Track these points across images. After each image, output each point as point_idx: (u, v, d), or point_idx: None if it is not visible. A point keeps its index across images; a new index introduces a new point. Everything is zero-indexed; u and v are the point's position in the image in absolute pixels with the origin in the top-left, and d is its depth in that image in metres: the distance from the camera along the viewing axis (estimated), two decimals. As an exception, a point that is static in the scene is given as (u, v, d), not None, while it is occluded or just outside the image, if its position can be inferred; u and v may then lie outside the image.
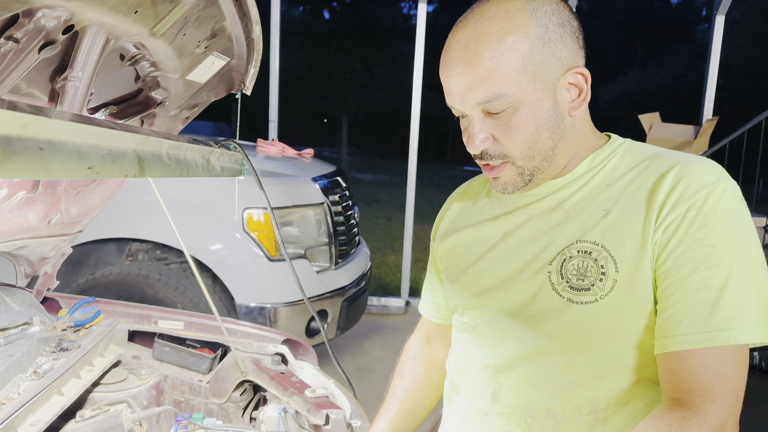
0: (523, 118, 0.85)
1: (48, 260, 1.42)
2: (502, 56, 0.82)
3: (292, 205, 2.87)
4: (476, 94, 0.85)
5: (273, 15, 4.84)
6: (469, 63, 0.84)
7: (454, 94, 0.88)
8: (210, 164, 1.10)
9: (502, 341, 0.94)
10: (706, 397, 0.75)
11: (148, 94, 1.15)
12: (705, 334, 0.76)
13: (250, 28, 1.11)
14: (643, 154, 0.92)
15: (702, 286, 0.78)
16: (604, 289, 0.83)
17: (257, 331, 1.47)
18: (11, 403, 1.00)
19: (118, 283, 2.64)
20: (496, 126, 0.87)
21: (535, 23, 0.83)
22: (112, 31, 0.86)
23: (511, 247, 0.95)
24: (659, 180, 0.85)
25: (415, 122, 4.78)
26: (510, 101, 0.84)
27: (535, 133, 0.86)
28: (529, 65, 0.83)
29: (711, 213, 0.79)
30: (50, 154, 0.52)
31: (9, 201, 1.10)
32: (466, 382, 1.00)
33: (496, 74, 0.82)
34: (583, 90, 0.88)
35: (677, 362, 0.78)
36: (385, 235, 8.42)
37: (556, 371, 0.88)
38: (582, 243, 0.87)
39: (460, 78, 0.85)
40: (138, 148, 0.72)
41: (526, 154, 0.88)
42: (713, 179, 0.81)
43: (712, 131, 4.66)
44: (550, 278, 0.88)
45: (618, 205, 0.87)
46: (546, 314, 0.88)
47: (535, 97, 0.84)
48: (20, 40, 0.73)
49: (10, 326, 1.25)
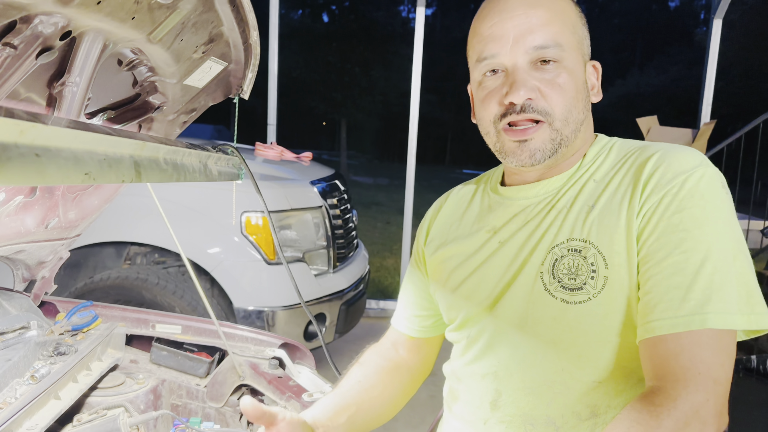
0: (567, 78, 0.87)
1: (46, 264, 1.42)
2: (561, 13, 0.87)
3: (290, 208, 2.87)
4: (537, 37, 0.86)
5: (272, 18, 4.85)
6: (533, 6, 0.86)
7: (505, 38, 0.87)
8: (207, 169, 1.10)
9: (500, 349, 0.93)
10: (677, 383, 0.72)
11: (146, 99, 1.15)
12: (678, 318, 0.74)
13: (248, 33, 1.12)
14: (628, 149, 0.92)
15: (675, 271, 0.76)
16: (596, 287, 0.82)
17: (255, 335, 1.47)
18: (8, 407, 1.00)
19: (117, 286, 2.64)
20: (543, 79, 0.87)
21: (575, 8, 0.91)
22: (110, 37, 0.86)
23: (507, 255, 0.94)
24: (639, 169, 0.85)
25: (413, 125, 4.78)
26: (563, 54, 0.86)
27: (574, 98, 0.88)
28: (575, 33, 0.88)
29: (687, 198, 0.78)
30: (47, 160, 0.52)
31: (7, 205, 1.10)
32: (465, 389, 0.99)
33: (555, 23, 0.86)
34: (595, 86, 0.94)
35: (653, 348, 0.77)
36: (383, 238, 8.42)
37: (554, 378, 0.87)
38: (571, 241, 0.86)
39: (521, 19, 0.86)
40: (135, 153, 0.72)
41: (565, 116, 0.88)
42: (691, 165, 0.81)
43: (709, 134, 4.67)
44: (543, 279, 0.87)
45: (602, 199, 0.86)
46: (541, 318, 0.87)
47: (576, 63, 0.88)
48: (18, 47, 0.73)
49: (8, 330, 1.25)
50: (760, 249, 4.41)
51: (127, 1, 0.76)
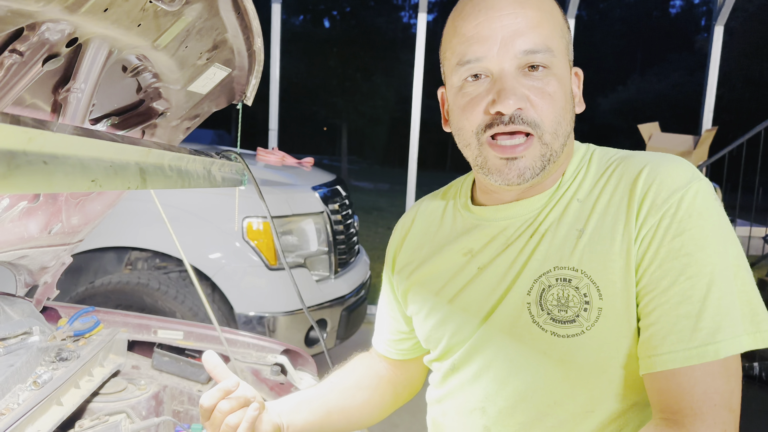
0: (557, 86, 0.80)
1: (48, 270, 1.42)
2: (551, 13, 0.80)
3: (291, 214, 2.87)
4: (527, 40, 0.77)
5: (274, 23, 4.87)
6: (523, 5, 0.78)
7: (493, 39, 0.78)
8: (211, 175, 1.10)
9: (486, 383, 0.88)
10: (696, 417, 0.71)
11: (150, 105, 1.15)
12: (691, 350, 0.72)
13: (252, 39, 1.12)
14: (607, 159, 0.86)
15: (683, 299, 0.73)
16: (589, 320, 0.77)
17: (257, 341, 1.47)
18: (11, 413, 1.00)
19: (118, 291, 2.64)
20: (532, 87, 0.79)
21: (560, 11, 0.84)
22: (115, 43, 0.87)
23: (488, 281, 0.87)
24: (630, 187, 0.79)
25: (415, 130, 4.79)
26: (554, 60, 0.79)
27: (564, 108, 0.81)
28: (564, 37, 0.82)
29: (685, 219, 0.74)
30: (54, 167, 0.52)
31: (11, 211, 1.10)
32: (451, 424, 0.94)
33: (547, 25, 0.79)
34: (579, 92, 0.87)
35: (664, 382, 0.74)
36: (384, 243, 8.37)
37: (546, 412, 0.82)
38: (560, 270, 0.80)
39: (511, 20, 0.77)
40: (140, 160, 0.72)
41: (555, 129, 0.80)
42: (685, 180, 0.77)
43: (711, 141, 4.67)
44: (530, 310, 0.82)
45: (591, 223, 0.81)
46: (530, 351, 0.82)
47: (564, 70, 0.82)
48: (24, 53, 0.74)
49: (10, 336, 1.24)
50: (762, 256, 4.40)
51: (133, 9, 0.76)
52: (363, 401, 1.08)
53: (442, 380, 0.96)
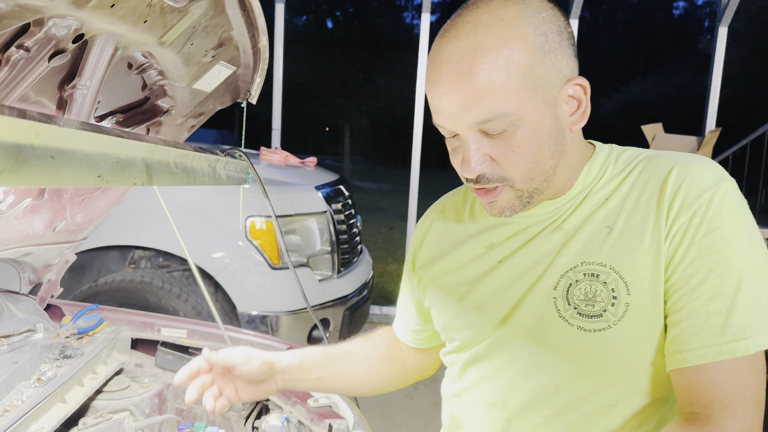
0: (524, 137, 0.78)
1: (52, 267, 1.42)
2: (502, 70, 0.74)
3: (295, 213, 2.87)
4: (474, 114, 0.77)
5: (277, 24, 4.87)
6: (465, 78, 0.75)
7: (445, 112, 0.79)
8: (216, 173, 1.10)
9: (509, 376, 0.88)
10: (725, 411, 0.72)
11: (155, 103, 1.15)
12: (722, 345, 0.73)
13: (257, 37, 1.12)
14: (633, 158, 0.87)
15: (713, 296, 0.74)
16: (616, 315, 0.79)
17: (260, 340, 1.47)
18: (15, 410, 1.00)
19: (121, 290, 2.64)
20: (495, 147, 0.79)
21: (534, 32, 0.75)
22: (121, 40, 0.87)
23: (508, 274, 0.88)
24: (662, 187, 0.80)
25: (417, 131, 4.79)
26: (511, 120, 0.76)
27: (538, 153, 0.79)
28: (530, 79, 0.76)
29: (715, 217, 0.76)
30: (61, 162, 0.52)
31: (15, 208, 1.10)
32: (471, 418, 0.95)
33: (495, 90, 0.75)
34: (582, 102, 0.81)
35: (694, 377, 0.75)
36: (387, 243, 8.42)
37: (569, 405, 0.83)
38: (588, 265, 0.81)
39: (455, 95, 0.77)
40: (146, 156, 0.72)
41: (527, 175, 0.81)
42: (714, 180, 0.78)
43: (715, 142, 4.67)
44: (556, 304, 0.83)
45: (621, 220, 0.82)
46: (555, 345, 0.83)
47: (536, 114, 0.77)
48: (31, 49, 0.73)
49: (14, 333, 1.24)
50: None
51: (140, 5, 0.76)
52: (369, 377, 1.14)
53: (461, 373, 0.97)
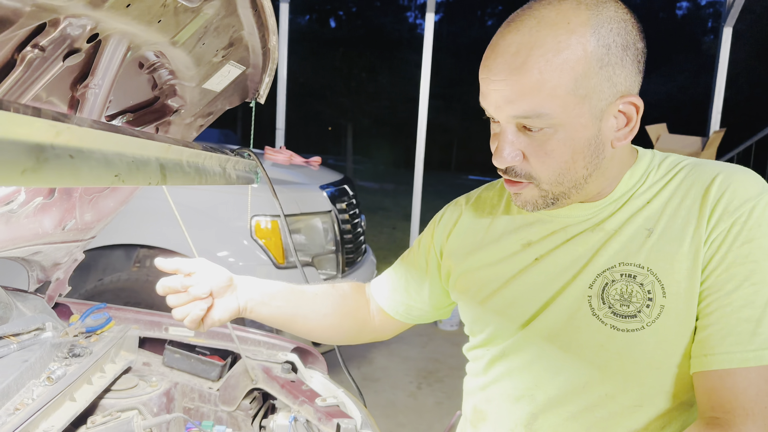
0: (560, 142, 0.78)
1: (61, 266, 1.43)
2: (554, 72, 0.74)
3: (300, 212, 2.87)
4: (516, 107, 0.77)
5: (281, 23, 4.88)
6: (515, 72, 0.75)
7: (490, 99, 0.80)
8: (226, 172, 1.11)
9: (538, 371, 0.89)
10: (747, 417, 0.73)
11: (165, 102, 1.15)
12: (749, 353, 0.74)
13: (267, 37, 1.12)
14: (676, 163, 0.88)
15: (746, 303, 0.75)
16: (651, 316, 0.80)
17: (267, 339, 1.47)
18: (25, 408, 1.00)
19: (126, 289, 2.65)
20: (530, 144, 0.80)
21: (597, 42, 0.75)
22: (135, 39, 0.87)
23: (545, 272, 0.89)
24: (705, 194, 0.81)
25: (421, 131, 4.79)
26: (550, 122, 0.77)
27: (570, 160, 0.80)
28: (580, 87, 0.75)
29: (755, 227, 0.77)
30: (80, 162, 0.52)
31: (26, 207, 1.11)
32: (496, 411, 0.96)
33: (543, 90, 0.75)
34: (632, 120, 0.81)
35: (718, 381, 0.76)
36: (390, 243, 8.42)
37: (596, 403, 0.84)
38: (625, 266, 0.82)
39: (502, 85, 0.77)
40: (160, 156, 0.72)
41: (555, 179, 0.82)
42: (757, 191, 0.79)
43: (719, 143, 4.66)
44: (591, 303, 0.84)
45: (661, 224, 0.82)
46: (587, 343, 0.84)
47: (578, 123, 0.77)
48: (46, 49, 0.74)
49: (23, 331, 1.25)
50: None
51: (154, 5, 0.76)
52: (328, 324, 1.16)
53: (487, 367, 0.98)
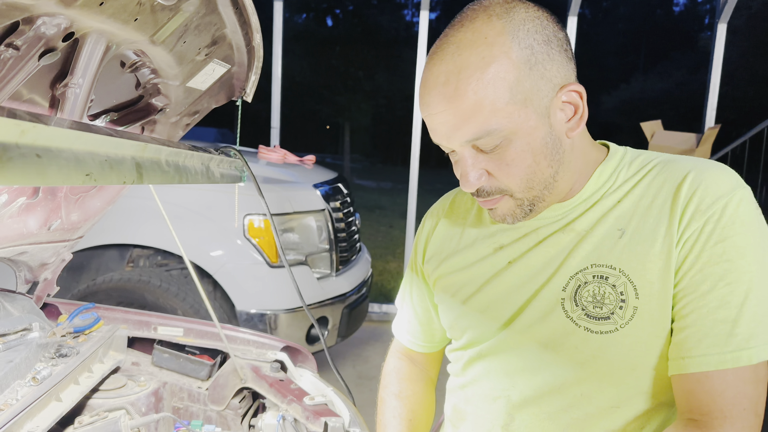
0: (518, 150, 0.79)
1: (48, 266, 1.42)
2: (487, 89, 0.75)
3: (293, 211, 2.87)
4: (464, 133, 0.78)
5: (276, 22, 4.86)
6: (451, 100, 0.76)
7: (438, 132, 0.81)
8: (210, 171, 1.10)
9: (515, 373, 0.90)
10: (725, 420, 0.73)
11: (149, 101, 1.15)
12: (725, 354, 0.73)
13: (251, 35, 1.12)
14: (647, 161, 0.87)
15: (721, 304, 0.74)
16: (624, 317, 0.79)
17: (256, 338, 1.47)
18: (9, 408, 1.00)
19: (119, 289, 2.65)
20: (490, 161, 0.81)
21: (518, 46, 0.75)
22: (113, 38, 0.86)
23: (518, 275, 0.89)
24: (676, 192, 0.80)
25: (417, 129, 4.79)
26: (502, 135, 0.78)
27: (533, 163, 0.80)
28: (517, 93, 0.76)
29: (728, 225, 0.76)
30: (47, 161, 0.52)
31: (9, 207, 1.10)
32: (474, 411, 0.97)
33: (483, 109, 0.76)
34: (579, 107, 0.81)
35: (695, 383, 0.75)
36: (386, 242, 8.42)
37: (573, 403, 0.84)
38: (597, 267, 0.82)
39: (444, 117, 0.78)
40: (136, 155, 0.72)
41: (525, 185, 0.82)
42: (729, 187, 0.78)
43: (714, 139, 4.66)
44: (563, 306, 0.84)
45: (633, 224, 0.82)
46: (562, 344, 0.84)
47: (528, 126, 0.78)
48: (20, 48, 0.73)
49: (10, 332, 1.25)
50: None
51: (129, 3, 0.76)
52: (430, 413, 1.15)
53: (465, 367, 0.99)
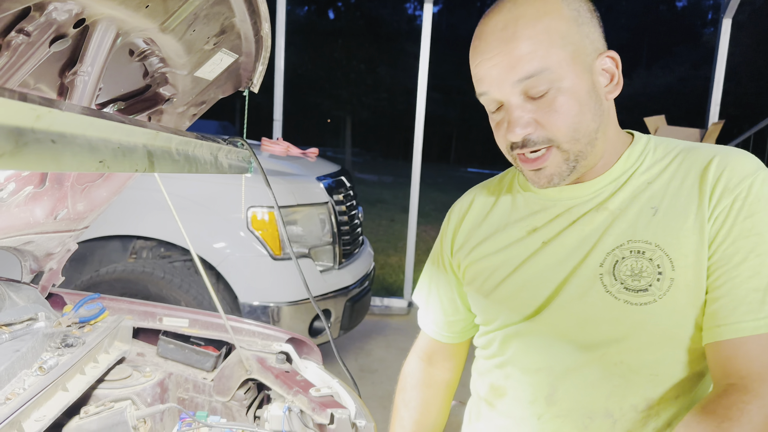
0: (566, 98, 0.84)
1: (53, 256, 1.42)
2: (542, 35, 0.82)
3: (296, 204, 2.86)
4: (517, 71, 0.83)
5: (279, 14, 4.84)
6: (508, 42, 0.83)
7: (490, 77, 0.86)
8: (218, 161, 1.10)
9: (556, 346, 0.93)
10: (763, 381, 0.77)
11: (156, 90, 1.14)
12: (760, 320, 0.78)
13: (259, 25, 1.11)
14: (672, 148, 0.93)
15: (753, 274, 0.80)
16: (662, 289, 0.84)
17: (262, 330, 1.46)
18: (17, 398, 1.00)
19: (122, 280, 2.65)
20: (538, 110, 0.85)
21: (568, 7, 0.85)
22: (123, 25, 0.86)
23: (554, 255, 0.93)
24: (703, 174, 0.86)
25: (419, 123, 4.77)
26: (551, 78, 0.83)
27: (580, 113, 0.85)
28: (568, 44, 0.83)
29: (755, 202, 0.82)
30: (62, 147, 0.51)
31: (16, 196, 1.10)
32: (515, 385, 0.99)
33: (537, 52, 0.82)
34: (614, 75, 0.89)
35: (732, 349, 0.80)
36: (388, 235, 8.42)
37: (614, 372, 0.88)
38: (634, 243, 0.87)
39: (499, 59, 0.84)
40: (148, 143, 0.71)
41: (571, 135, 0.86)
42: (753, 168, 0.84)
43: (717, 134, 4.65)
44: (603, 280, 0.88)
45: (665, 202, 0.87)
46: (602, 318, 0.88)
47: (575, 76, 0.84)
48: (31, 34, 0.73)
49: (16, 321, 1.24)
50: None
51: (141, -11, 0.75)
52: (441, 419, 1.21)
53: (502, 346, 1.01)
